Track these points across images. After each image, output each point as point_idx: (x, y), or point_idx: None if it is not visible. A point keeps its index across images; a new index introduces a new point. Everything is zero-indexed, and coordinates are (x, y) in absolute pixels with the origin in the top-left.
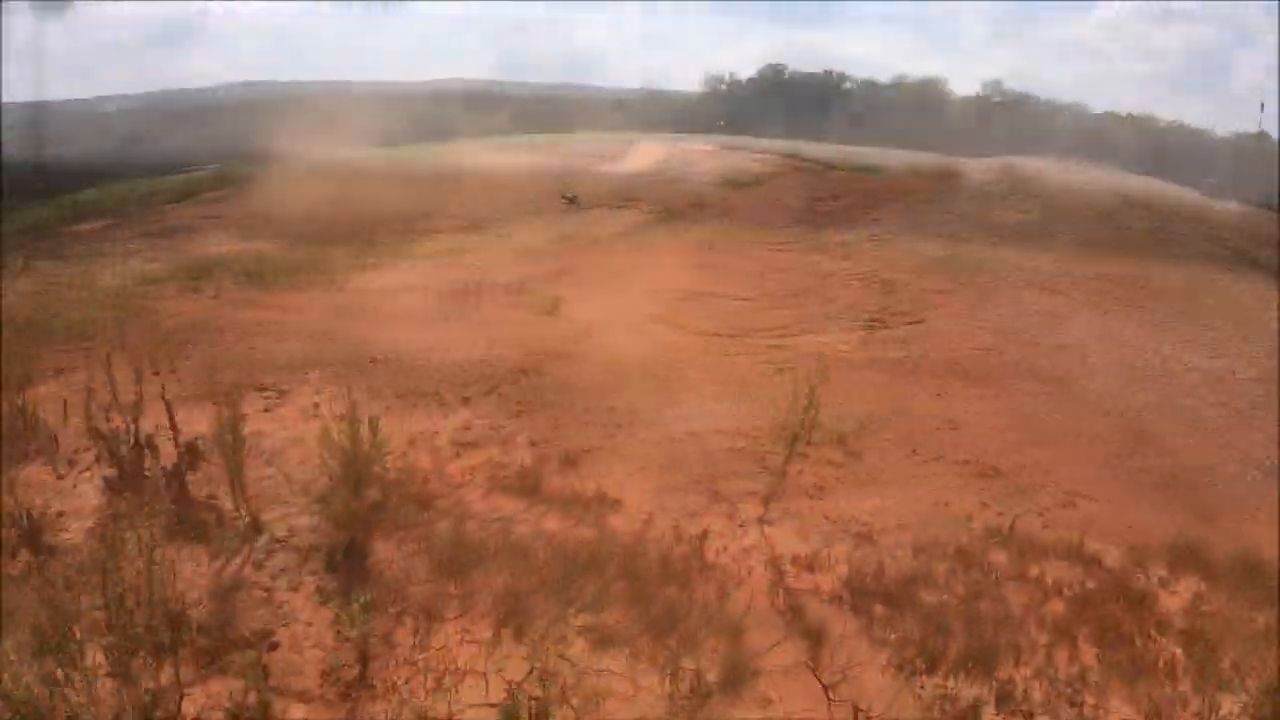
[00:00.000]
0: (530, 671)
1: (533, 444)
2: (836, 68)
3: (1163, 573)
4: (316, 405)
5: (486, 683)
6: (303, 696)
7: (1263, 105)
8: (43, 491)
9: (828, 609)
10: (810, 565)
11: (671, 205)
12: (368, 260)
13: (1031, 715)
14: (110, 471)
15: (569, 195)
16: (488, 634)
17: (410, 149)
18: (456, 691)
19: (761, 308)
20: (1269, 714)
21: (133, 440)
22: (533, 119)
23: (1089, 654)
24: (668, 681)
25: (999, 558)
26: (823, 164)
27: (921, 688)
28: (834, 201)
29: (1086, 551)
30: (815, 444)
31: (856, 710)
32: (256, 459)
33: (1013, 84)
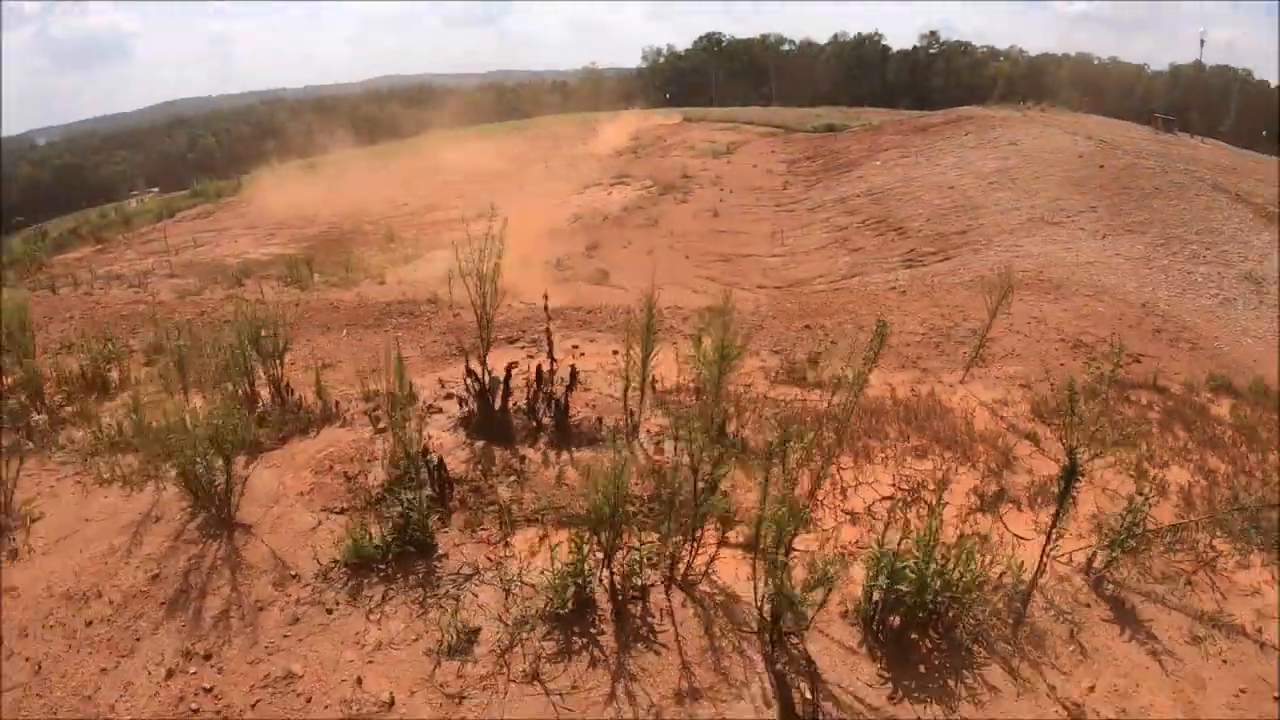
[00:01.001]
0: (893, 478)
1: (775, 353)
2: (774, 31)
3: (1209, 395)
4: (575, 347)
5: (873, 489)
6: None
7: (1202, 41)
8: (373, 445)
9: (1030, 424)
10: (1004, 403)
11: (661, 179)
12: (399, 254)
13: (1168, 464)
14: (463, 411)
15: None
16: (850, 463)
17: (383, 147)
18: (858, 494)
19: (795, 262)
20: None
21: (478, 385)
22: (476, 108)
23: (1184, 436)
24: (972, 470)
25: (1111, 392)
26: (784, 128)
27: (1102, 457)
28: (810, 163)
29: (1159, 386)
30: (963, 339)
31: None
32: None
33: (949, 34)
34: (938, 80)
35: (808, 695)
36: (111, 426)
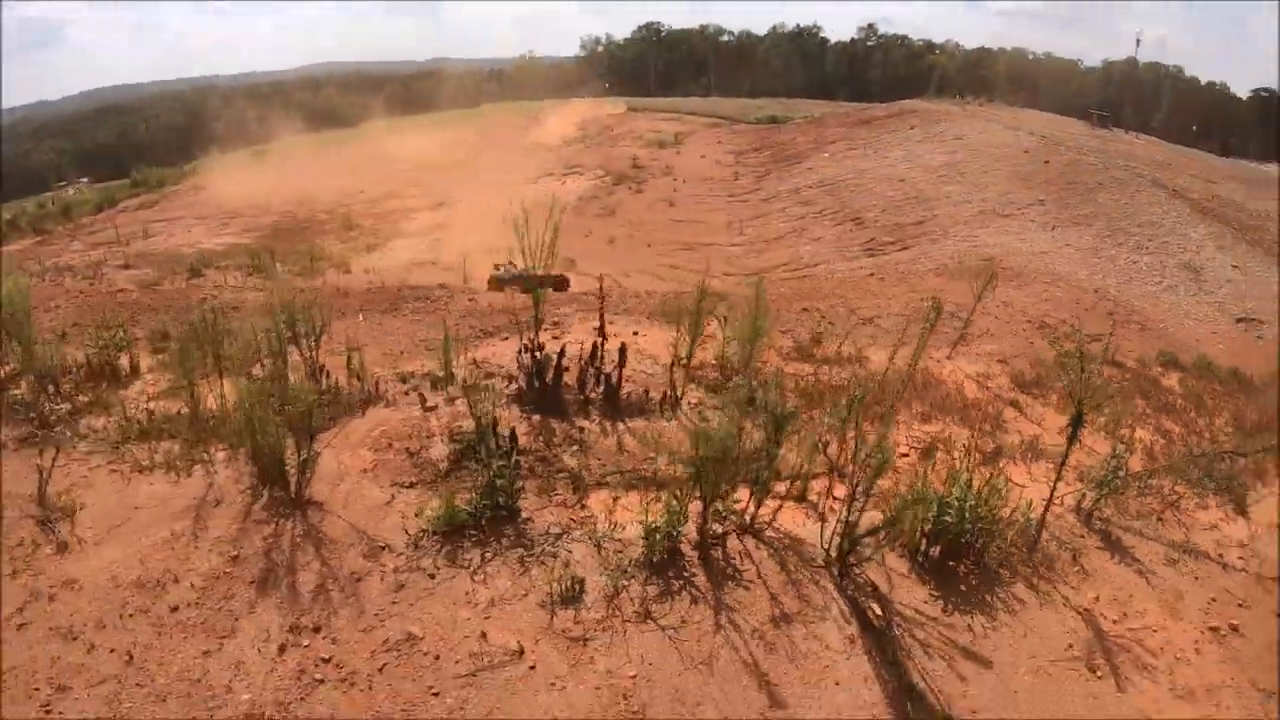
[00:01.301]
0: (906, 439)
1: (782, 333)
2: (713, 22)
3: (1159, 369)
4: (596, 328)
5: (887, 446)
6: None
7: (1139, 40)
8: (427, 422)
9: (1012, 393)
10: (987, 376)
11: (614, 169)
12: (360, 242)
13: (1132, 426)
14: (514, 388)
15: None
16: (869, 428)
17: (328, 135)
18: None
19: (756, 251)
20: (1234, 427)
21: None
22: (416, 97)
23: (1142, 404)
24: (972, 433)
25: (1082, 365)
26: (728, 119)
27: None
28: (757, 154)
29: (1117, 361)
30: (942, 320)
31: (1059, 430)
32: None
33: (886, 27)
34: (875, 73)
35: (879, 612)
36: (140, 413)
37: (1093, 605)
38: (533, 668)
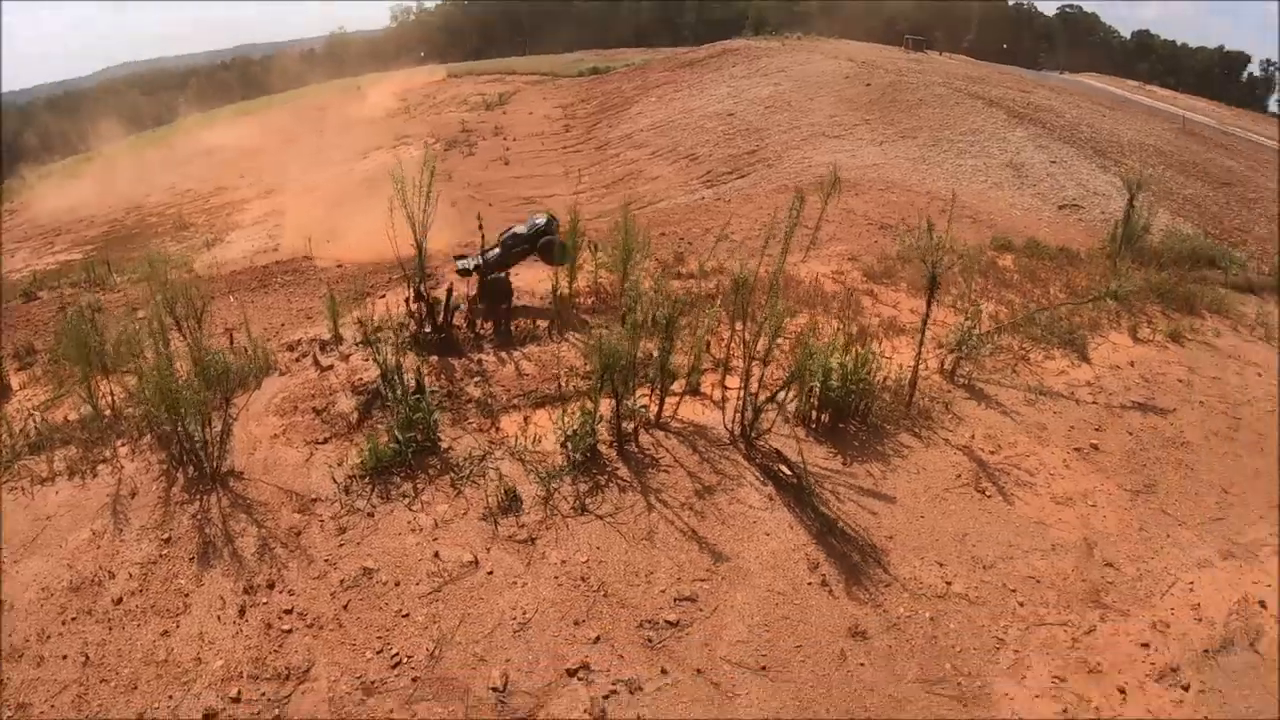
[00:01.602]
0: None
1: (645, 256)
2: None
3: (994, 252)
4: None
5: (764, 339)
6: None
7: None
8: (325, 381)
9: (866, 285)
10: (840, 273)
11: (444, 135)
12: (198, 240)
13: (976, 300)
14: (406, 335)
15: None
16: (741, 325)
17: (141, 137)
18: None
19: (598, 196)
20: (1066, 292)
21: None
22: (226, 86)
23: (983, 282)
24: (833, 319)
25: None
26: (551, 75)
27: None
28: (585, 105)
29: (957, 249)
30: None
31: (912, 310)
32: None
33: None
34: (689, 17)
35: (788, 471)
36: (28, 427)
37: (970, 443)
38: (490, 573)
